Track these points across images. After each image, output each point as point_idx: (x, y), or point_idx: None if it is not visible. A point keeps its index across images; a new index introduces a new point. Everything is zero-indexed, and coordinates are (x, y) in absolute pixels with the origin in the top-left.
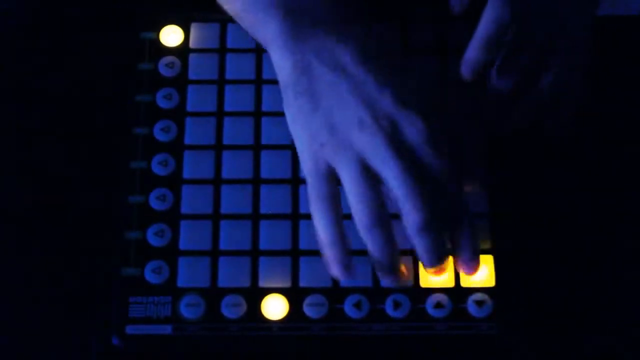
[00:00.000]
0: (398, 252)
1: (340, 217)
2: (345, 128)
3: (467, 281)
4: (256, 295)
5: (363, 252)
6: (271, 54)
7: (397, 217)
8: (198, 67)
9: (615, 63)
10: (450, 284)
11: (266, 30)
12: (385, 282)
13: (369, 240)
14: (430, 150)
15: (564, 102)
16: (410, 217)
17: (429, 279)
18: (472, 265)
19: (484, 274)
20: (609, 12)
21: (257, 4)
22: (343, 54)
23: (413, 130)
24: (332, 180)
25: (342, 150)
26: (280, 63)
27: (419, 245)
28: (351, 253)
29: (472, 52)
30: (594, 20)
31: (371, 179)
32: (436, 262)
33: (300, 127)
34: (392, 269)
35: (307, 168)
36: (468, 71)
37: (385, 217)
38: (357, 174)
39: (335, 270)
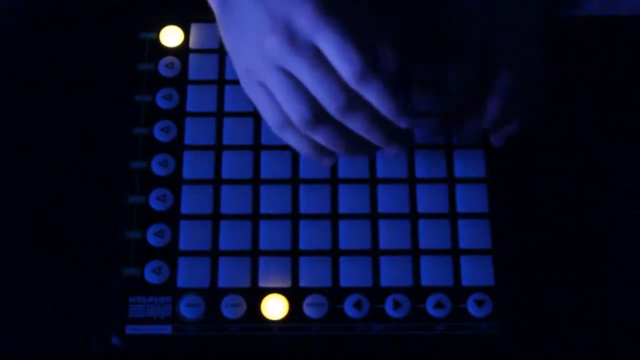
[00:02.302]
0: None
1: (299, 131)
2: (255, 46)
3: (467, 280)
4: (256, 295)
5: (365, 252)
6: None
7: None
8: (198, 68)
9: (615, 63)
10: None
11: None
12: (392, 150)
13: (319, 139)
14: (320, 25)
15: (519, 106)
16: (330, 105)
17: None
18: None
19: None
20: (609, 12)
21: None
22: None
23: (301, 14)
24: (272, 97)
25: (262, 69)
26: (212, 5)
27: (354, 128)
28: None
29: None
30: (545, 17)
31: (294, 82)
32: (381, 135)
33: (233, 59)
34: (365, 150)
35: (251, 98)
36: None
37: (322, 114)
38: (280, 85)
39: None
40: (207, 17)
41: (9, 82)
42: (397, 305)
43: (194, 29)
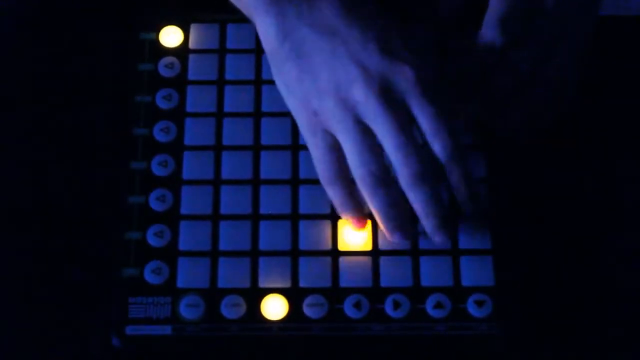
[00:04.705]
0: (404, 207)
1: (350, 183)
2: (335, 90)
3: (467, 280)
4: (256, 295)
5: (365, 252)
6: (255, 21)
7: None
8: (198, 68)
9: (615, 63)
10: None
11: None
12: (396, 238)
13: (374, 200)
14: (420, 98)
15: (554, 102)
16: (403, 170)
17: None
18: (472, 208)
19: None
20: (609, 12)
21: None
22: (324, 9)
23: (402, 79)
24: (334, 148)
25: (335, 116)
26: (264, 29)
27: (414, 199)
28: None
29: (488, 31)
30: (596, 20)
31: (370, 137)
32: (435, 215)
33: (292, 94)
34: (401, 225)
35: (307, 139)
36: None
37: (388, 178)
38: (354, 137)
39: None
40: (206, 17)
41: (8, 82)
42: (397, 305)
43: (193, 29)
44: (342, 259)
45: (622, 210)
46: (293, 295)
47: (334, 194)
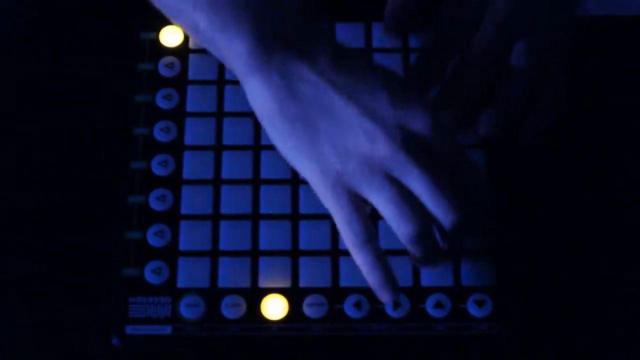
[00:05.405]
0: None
1: (381, 249)
2: (356, 149)
3: (467, 280)
4: (256, 295)
5: None
6: (245, 81)
7: None
8: (198, 68)
9: (615, 63)
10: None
11: (235, 54)
12: (426, 270)
13: (418, 251)
14: (441, 140)
15: (541, 104)
16: (447, 219)
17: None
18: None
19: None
20: (608, 12)
21: (225, 23)
22: (322, 67)
23: (420, 125)
24: (360, 208)
25: (362, 175)
26: (259, 91)
27: (456, 243)
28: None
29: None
30: (575, 20)
31: (404, 191)
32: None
33: (307, 159)
34: (435, 267)
35: (330, 204)
36: (389, 22)
37: (429, 230)
38: (390, 193)
39: (385, 299)
40: None
41: (8, 82)
42: (397, 305)
43: None
44: (342, 259)
45: (622, 210)
46: (293, 295)
47: (366, 258)
